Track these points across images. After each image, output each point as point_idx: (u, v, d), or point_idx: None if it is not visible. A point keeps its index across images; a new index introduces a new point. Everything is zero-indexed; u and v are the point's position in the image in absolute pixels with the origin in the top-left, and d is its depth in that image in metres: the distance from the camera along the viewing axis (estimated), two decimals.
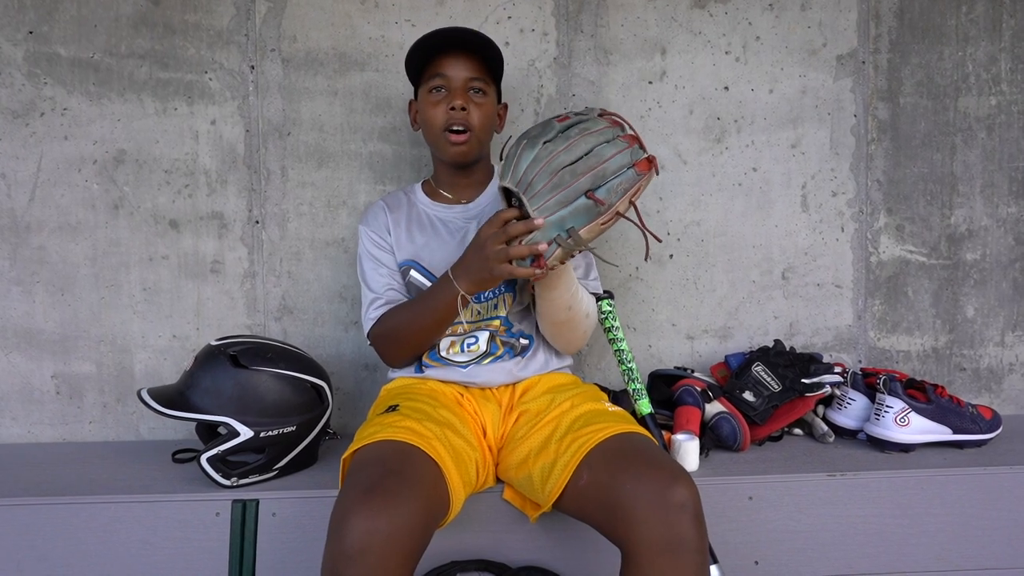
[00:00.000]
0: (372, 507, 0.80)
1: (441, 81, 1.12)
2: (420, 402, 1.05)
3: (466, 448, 0.99)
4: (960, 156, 1.53)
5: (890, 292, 1.53)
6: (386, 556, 0.78)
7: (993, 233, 1.54)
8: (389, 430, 0.95)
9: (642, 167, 0.91)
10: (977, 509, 1.14)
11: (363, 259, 1.20)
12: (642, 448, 0.95)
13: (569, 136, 0.92)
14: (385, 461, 0.89)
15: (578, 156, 0.90)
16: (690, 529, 0.84)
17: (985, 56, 1.52)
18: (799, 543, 1.12)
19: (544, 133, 0.93)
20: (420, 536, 0.83)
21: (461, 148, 1.14)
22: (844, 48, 1.50)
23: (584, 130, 0.92)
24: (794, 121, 1.50)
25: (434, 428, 0.97)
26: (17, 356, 1.41)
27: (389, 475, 0.86)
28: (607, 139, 0.92)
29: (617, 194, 0.91)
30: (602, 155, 0.91)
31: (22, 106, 1.39)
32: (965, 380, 1.55)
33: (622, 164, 0.91)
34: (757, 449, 1.28)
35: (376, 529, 0.78)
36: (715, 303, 1.51)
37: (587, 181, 0.90)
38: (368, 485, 0.83)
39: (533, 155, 0.91)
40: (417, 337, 1.12)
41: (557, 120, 0.95)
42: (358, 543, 0.78)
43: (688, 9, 1.48)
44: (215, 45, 1.41)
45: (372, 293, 1.17)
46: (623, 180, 0.91)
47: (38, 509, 1.07)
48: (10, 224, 1.40)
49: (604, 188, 0.91)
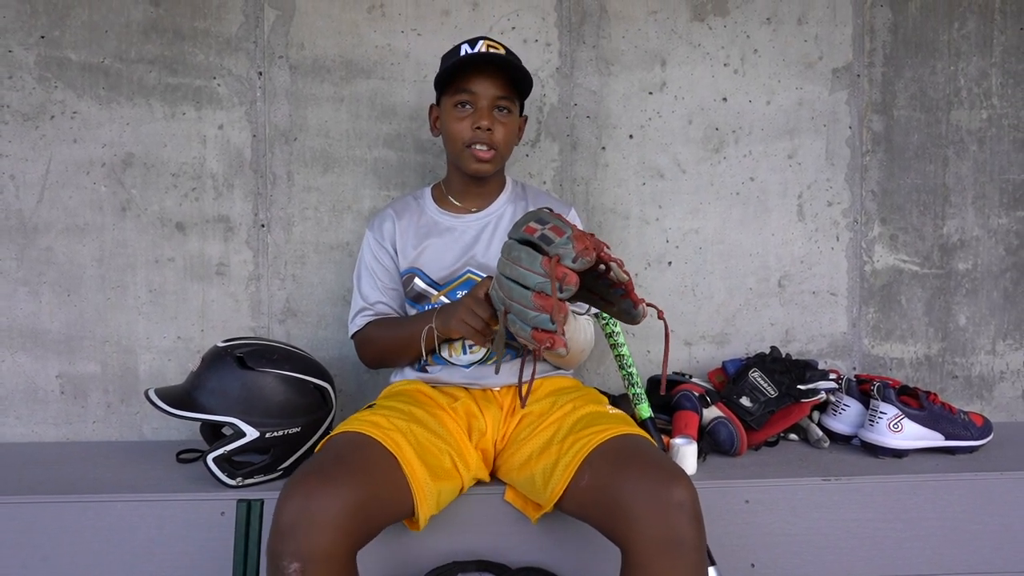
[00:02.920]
0: (306, 488, 0.85)
1: (468, 97, 1.13)
2: (397, 400, 1.09)
3: (435, 441, 1.01)
4: (952, 168, 1.56)
5: (884, 300, 1.56)
6: (315, 532, 0.82)
7: (984, 243, 1.57)
8: (352, 424, 1.00)
9: (539, 338, 0.81)
10: (968, 513, 1.16)
11: (362, 266, 1.24)
12: (642, 449, 0.97)
13: (507, 249, 0.85)
14: (334, 450, 0.95)
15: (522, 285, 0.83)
16: (688, 528, 0.86)
17: (976, 71, 1.55)
18: (794, 546, 1.14)
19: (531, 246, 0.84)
20: (361, 518, 0.86)
21: (484, 165, 1.16)
22: (840, 61, 1.53)
23: (516, 259, 0.83)
24: (791, 132, 1.53)
25: (398, 422, 1.00)
26: (22, 356, 1.42)
27: (331, 461, 0.91)
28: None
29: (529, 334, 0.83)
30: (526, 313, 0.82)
31: (32, 109, 1.41)
32: (957, 387, 1.58)
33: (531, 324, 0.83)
34: (754, 454, 1.30)
35: (306, 507, 0.83)
36: (713, 310, 1.53)
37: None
38: (308, 471, 0.89)
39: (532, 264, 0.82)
40: (393, 355, 1.19)
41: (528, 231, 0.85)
42: (289, 520, 0.83)
43: (688, 22, 1.51)
44: (224, 51, 1.43)
45: (362, 301, 1.21)
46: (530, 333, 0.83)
47: (43, 508, 1.08)
48: (18, 225, 1.41)
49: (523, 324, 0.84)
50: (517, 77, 1.14)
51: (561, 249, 0.80)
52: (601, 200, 1.51)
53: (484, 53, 1.11)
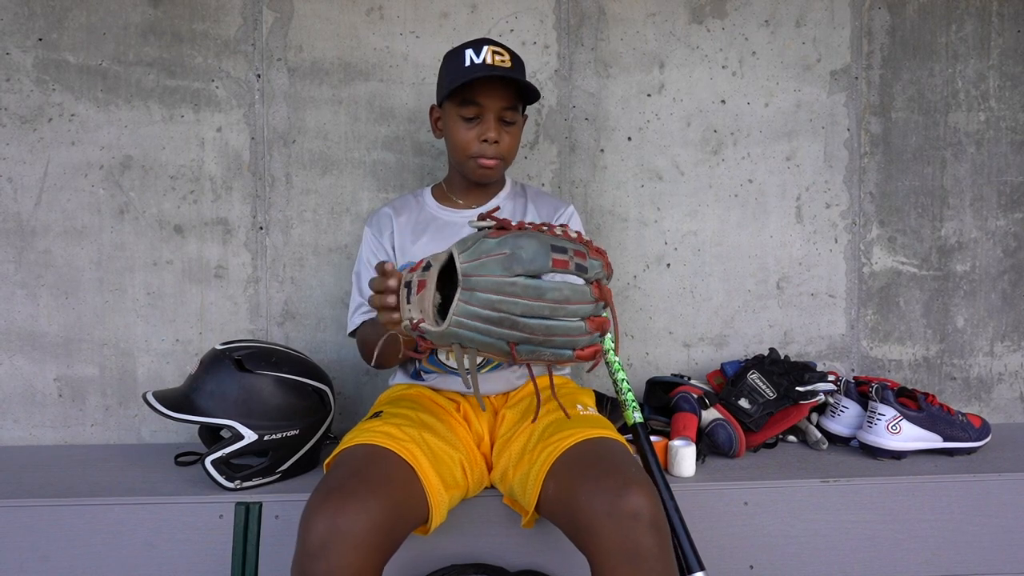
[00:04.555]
0: (332, 507, 0.84)
1: (475, 110, 1.11)
2: (404, 407, 1.08)
3: (447, 450, 1.01)
4: (950, 170, 1.56)
5: (882, 302, 1.56)
6: (347, 552, 0.82)
7: (983, 245, 1.57)
8: (366, 435, 0.98)
9: (584, 356, 0.74)
10: (966, 515, 1.17)
11: (360, 263, 1.23)
12: (602, 455, 0.95)
13: (543, 292, 0.72)
14: (353, 464, 0.93)
15: (536, 315, 0.72)
16: (646, 537, 0.84)
17: (974, 73, 1.56)
18: (793, 548, 1.14)
19: (530, 260, 0.72)
20: (385, 533, 0.86)
21: (490, 172, 1.15)
22: (838, 64, 1.53)
23: (564, 299, 0.72)
24: (789, 134, 1.53)
25: (411, 431, 0.99)
26: (20, 359, 1.42)
27: (352, 477, 0.89)
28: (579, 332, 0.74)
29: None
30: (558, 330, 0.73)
31: (30, 112, 1.41)
32: (955, 389, 1.58)
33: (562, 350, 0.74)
34: (752, 455, 1.30)
35: (335, 527, 0.82)
36: (711, 312, 1.54)
37: (522, 336, 0.73)
38: (331, 487, 0.87)
39: (501, 269, 0.72)
40: (384, 354, 1.04)
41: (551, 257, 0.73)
42: (319, 540, 0.82)
43: (686, 24, 1.51)
44: (222, 54, 1.43)
45: (360, 298, 1.20)
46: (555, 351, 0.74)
47: (41, 511, 1.08)
48: (16, 228, 1.41)
49: (529, 349, 0.74)
50: (523, 88, 1.13)
51: (599, 271, 0.75)
52: (600, 202, 1.51)
53: (493, 67, 1.08)
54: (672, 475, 1.18)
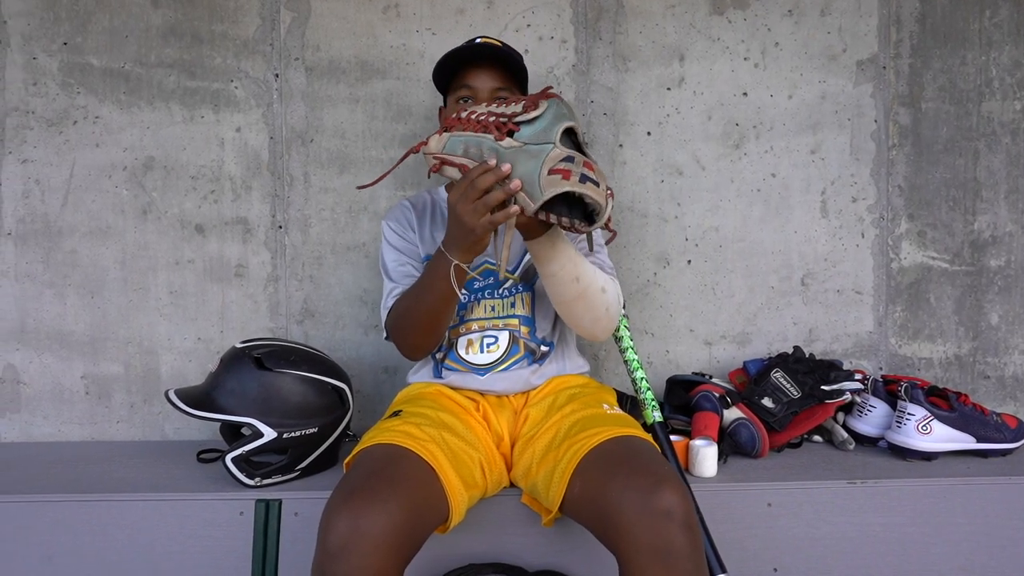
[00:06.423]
0: (353, 507, 0.83)
1: (468, 92, 1.14)
2: (423, 407, 1.07)
3: (466, 449, 1.00)
4: (984, 161, 1.51)
5: (912, 299, 1.52)
6: (368, 553, 0.81)
7: (1018, 239, 1.52)
8: (386, 434, 0.98)
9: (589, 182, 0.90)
10: (1001, 519, 1.13)
11: (384, 251, 1.20)
12: (633, 453, 0.94)
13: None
14: (373, 464, 0.93)
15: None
16: (679, 536, 0.83)
17: (1009, 60, 1.50)
18: (818, 551, 1.12)
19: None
20: (406, 534, 0.85)
21: None
22: (864, 53, 1.49)
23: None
24: (813, 127, 1.49)
25: (431, 431, 0.99)
26: (49, 357, 1.45)
27: (373, 477, 0.89)
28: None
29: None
30: None
31: (56, 115, 1.43)
32: (989, 388, 1.53)
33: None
34: (776, 456, 1.28)
35: (356, 528, 0.82)
36: (733, 309, 1.51)
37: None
38: (352, 487, 0.87)
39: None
40: (425, 320, 1.06)
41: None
42: (340, 541, 0.81)
43: (707, 16, 1.48)
44: (241, 54, 1.44)
45: (391, 283, 1.16)
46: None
47: (69, 505, 1.11)
48: (43, 229, 1.44)
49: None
50: (514, 68, 1.15)
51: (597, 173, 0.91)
52: (619, 198, 1.49)
53: (477, 44, 1.12)
54: (693, 475, 1.16)
